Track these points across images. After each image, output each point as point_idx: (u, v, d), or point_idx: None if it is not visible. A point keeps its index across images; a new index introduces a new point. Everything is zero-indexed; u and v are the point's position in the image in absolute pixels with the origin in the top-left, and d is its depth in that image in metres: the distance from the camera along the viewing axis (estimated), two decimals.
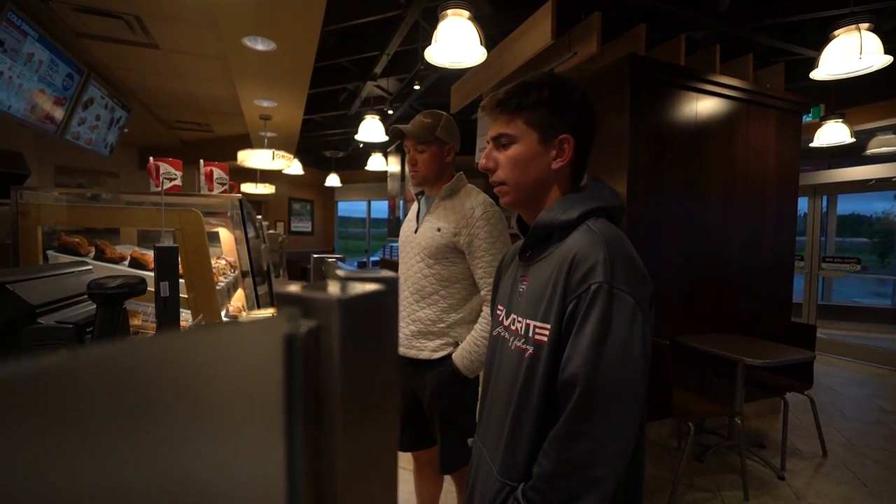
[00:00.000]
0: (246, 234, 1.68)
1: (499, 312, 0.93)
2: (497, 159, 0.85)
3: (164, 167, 1.74)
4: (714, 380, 2.97)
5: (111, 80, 4.20)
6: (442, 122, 1.42)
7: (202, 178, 1.79)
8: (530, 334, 0.79)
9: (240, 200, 1.69)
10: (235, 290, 2.15)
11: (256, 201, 8.52)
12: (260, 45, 3.06)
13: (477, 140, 4.12)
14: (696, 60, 3.33)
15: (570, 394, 0.71)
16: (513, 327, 0.84)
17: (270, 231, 5.93)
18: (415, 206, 1.58)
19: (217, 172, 1.82)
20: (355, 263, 10.29)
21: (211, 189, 1.79)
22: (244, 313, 2.04)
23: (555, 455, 0.71)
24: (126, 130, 4.88)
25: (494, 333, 0.92)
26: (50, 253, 1.58)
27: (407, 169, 1.48)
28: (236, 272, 2.11)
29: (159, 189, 1.73)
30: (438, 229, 1.40)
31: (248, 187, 6.55)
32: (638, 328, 0.72)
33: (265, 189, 6.62)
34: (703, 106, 3.04)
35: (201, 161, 1.80)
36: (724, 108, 3.10)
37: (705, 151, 3.07)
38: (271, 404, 0.19)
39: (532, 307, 0.80)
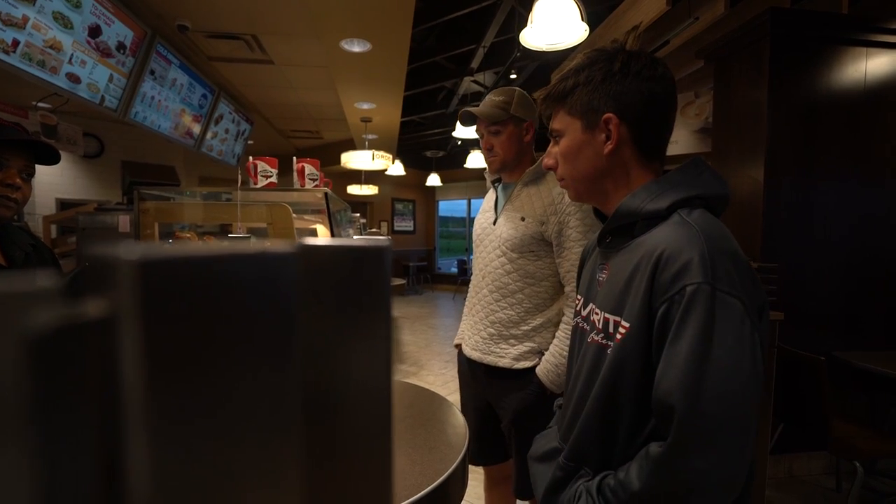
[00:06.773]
0: (331, 227, 1.69)
1: (577, 301, 0.86)
2: (556, 156, 0.82)
3: (262, 165, 1.82)
4: (890, 410, 2.33)
5: (237, 97, 4.71)
6: (516, 98, 1.27)
7: (295, 174, 1.85)
8: (611, 330, 0.71)
9: (325, 194, 1.70)
10: None
11: (362, 202, 9.03)
12: (357, 47, 3.15)
13: None
14: (866, 7, 2.66)
15: (668, 417, 0.60)
16: (591, 318, 0.77)
17: (373, 230, 6.20)
18: (490, 196, 1.44)
19: (308, 169, 1.86)
20: (455, 262, 10.38)
21: (303, 185, 1.84)
22: None
23: (646, 476, 0.62)
24: (250, 142, 5.45)
25: (573, 323, 0.87)
26: None
27: (483, 156, 1.35)
28: None
29: (257, 186, 1.81)
30: (522, 218, 1.25)
31: (354, 189, 6.94)
32: (747, 338, 0.59)
33: (369, 190, 6.95)
34: (878, 64, 2.40)
35: (294, 158, 1.86)
36: None
37: (879, 123, 2.42)
38: None
39: (611, 300, 0.71)
